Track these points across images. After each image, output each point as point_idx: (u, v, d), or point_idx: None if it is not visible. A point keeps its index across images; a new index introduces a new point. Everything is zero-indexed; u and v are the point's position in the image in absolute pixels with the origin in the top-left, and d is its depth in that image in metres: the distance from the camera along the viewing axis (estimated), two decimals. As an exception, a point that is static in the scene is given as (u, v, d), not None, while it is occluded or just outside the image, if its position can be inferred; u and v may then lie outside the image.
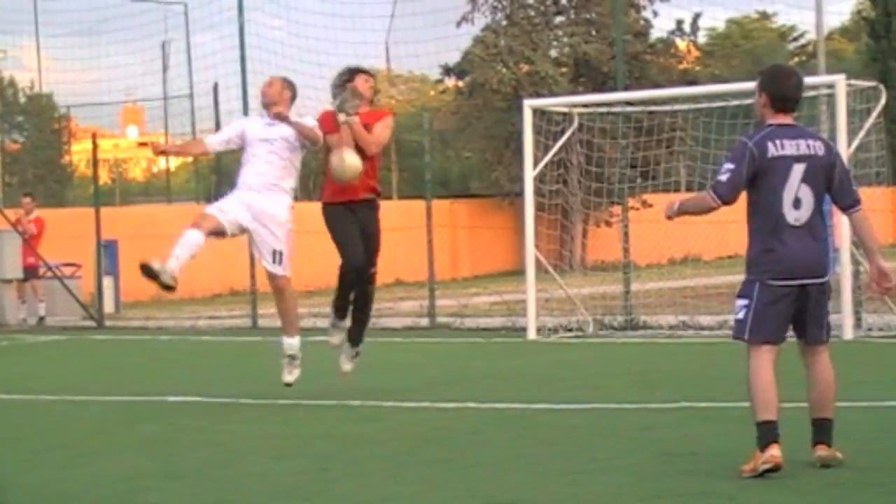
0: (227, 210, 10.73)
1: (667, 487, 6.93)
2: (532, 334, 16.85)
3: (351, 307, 11.17)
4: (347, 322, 11.25)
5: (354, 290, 11.07)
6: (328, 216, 10.95)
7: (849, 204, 7.41)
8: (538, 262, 17.39)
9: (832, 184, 7.36)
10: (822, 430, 7.37)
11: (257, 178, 10.74)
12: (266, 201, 10.69)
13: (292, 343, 10.93)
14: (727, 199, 7.34)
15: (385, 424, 9.79)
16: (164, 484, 7.63)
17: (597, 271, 23.83)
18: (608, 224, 33.40)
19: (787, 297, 7.28)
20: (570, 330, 17.35)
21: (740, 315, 7.38)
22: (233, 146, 11.08)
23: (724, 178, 7.32)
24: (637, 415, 9.75)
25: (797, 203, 7.27)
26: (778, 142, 7.30)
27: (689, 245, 30.59)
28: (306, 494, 7.22)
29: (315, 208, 11.45)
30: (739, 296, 7.42)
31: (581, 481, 7.23)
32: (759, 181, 7.29)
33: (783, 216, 7.26)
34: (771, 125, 7.40)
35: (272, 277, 10.80)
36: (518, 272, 23.30)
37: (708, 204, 7.43)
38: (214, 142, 11.28)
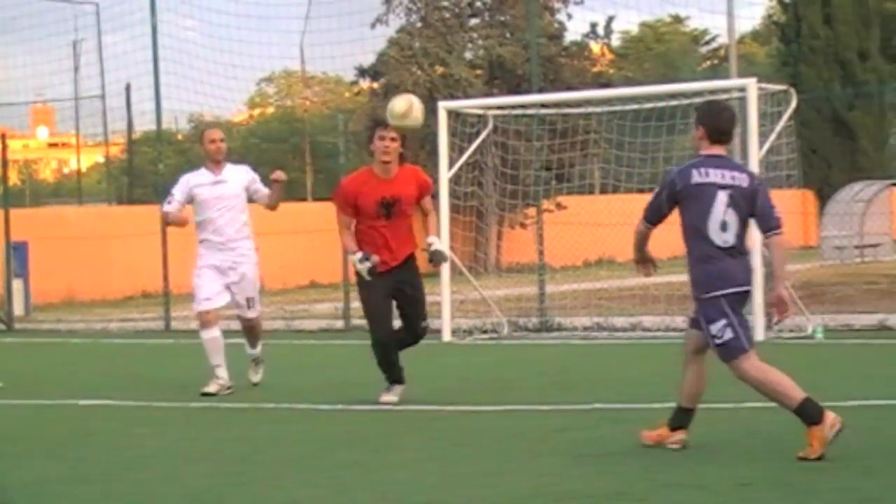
0: (212, 296, 11.68)
1: (580, 489, 6.95)
2: (447, 336, 16.85)
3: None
4: (402, 385, 10.66)
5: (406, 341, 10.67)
6: (361, 285, 10.45)
7: (769, 227, 7.87)
8: (453, 264, 17.40)
9: (755, 210, 7.82)
10: (690, 418, 8.02)
11: (222, 237, 11.68)
12: (237, 255, 11.74)
13: (254, 351, 12.15)
14: (651, 220, 7.93)
15: (299, 427, 9.75)
16: (75, 488, 7.53)
17: (511, 273, 23.91)
18: (523, 226, 33.56)
19: (741, 302, 7.78)
20: (485, 332, 17.39)
21: (728, 335, 7.68)
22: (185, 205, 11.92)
23: (649, 203, 7.94)
24: (551, 416, 9.78)
25: (724, 226, 7.73)
26: (703, 170, 7.80)
27: (603, 247, 30.76)
28: (218, 497, 7.16)
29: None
30: (711, 319, 7.69)
31: (495, 483, 7.23)
32: (687, 206, 7.78)
33: (711, 239, 7.71)
34: (701, 156, 7.91)
35: (246, 319, 12.00)
36: (433, 274, 23.32)
37: (639, 230, 8.02)
38: (175, 209, 11.83)
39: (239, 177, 11.86)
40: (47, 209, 38.29)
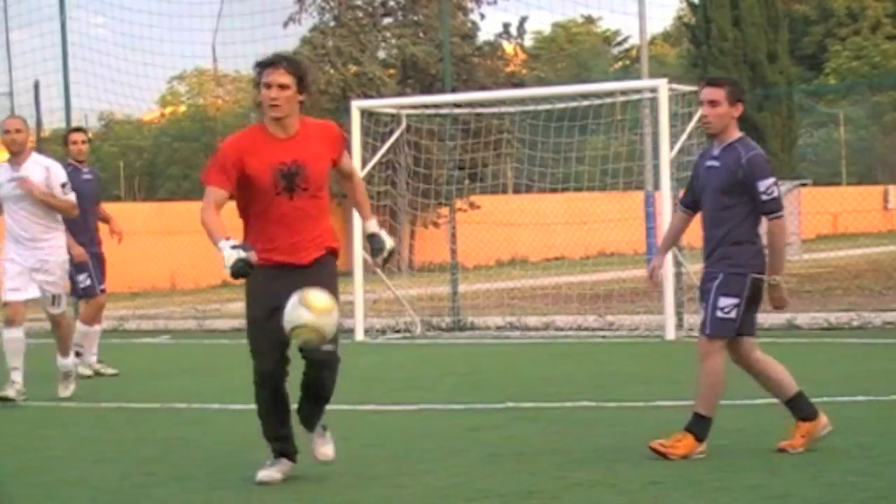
0: (20, 287, 11.11)
1: (493, 487, 6.95)
2: (360, 335, 16.81)
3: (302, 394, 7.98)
4: (286, 462, 7.55)
5: (308, 379, 7.93)
6: (249, 284, 7.44)
7: None
8: (366, 263, 17.36)
9: None
10: (806, 399, 7.84)
11: (27, 234, 11.14)
12: (44, 252, 11.16)
13: (66, 363, 11.52)
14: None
15: (210, 427, 9.67)
16: (-20, 491, 7.42)
17: (424, 272, 23.91)
18: (436, 225, 33.56)
19: (758, 290, 7.56)
20: (398, 331, 17.37)
21: (731, 314, 7.56)
22: None
23: (776, 192, 7.51)
24: (464, 416, 9.78)
25: None
26: None
27: (515, 247, 30.87)
28: (128, 499, 7.08)
29: (140, 210, 11.50)
30: (727, 294, 7.53)
31: (407, 482, 7.22)
32: None
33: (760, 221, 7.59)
34: (743, 136, 7.72)
35: (52, 315, 11.39)
36: (346, 273, 23.24)
37: (784, 229, 7.56)
38: None
39: (39, 171, 11.11)
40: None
